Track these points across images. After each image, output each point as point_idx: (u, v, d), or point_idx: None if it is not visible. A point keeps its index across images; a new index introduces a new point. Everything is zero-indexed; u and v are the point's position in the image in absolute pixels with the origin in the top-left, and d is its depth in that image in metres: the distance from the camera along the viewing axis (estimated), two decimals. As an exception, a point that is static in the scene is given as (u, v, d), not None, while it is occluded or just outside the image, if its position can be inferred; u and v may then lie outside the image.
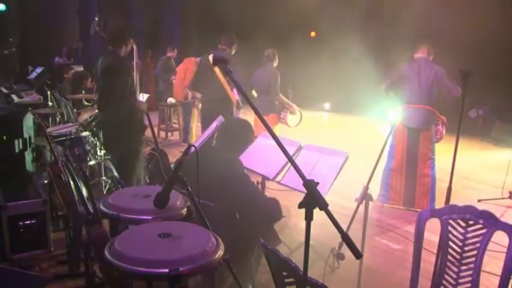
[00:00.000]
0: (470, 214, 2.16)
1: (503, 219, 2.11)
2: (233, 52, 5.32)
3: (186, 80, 7.21)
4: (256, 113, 1.75)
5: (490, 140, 8.71)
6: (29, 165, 4.42)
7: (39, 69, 8.20)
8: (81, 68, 8.35)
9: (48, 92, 6.04)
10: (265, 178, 3.46)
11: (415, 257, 2.28)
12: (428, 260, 3.04)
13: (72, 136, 4.61)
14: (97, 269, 2.58)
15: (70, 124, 5.18)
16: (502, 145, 8.20)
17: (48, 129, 4.77)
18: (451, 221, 2.21)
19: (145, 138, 4.50)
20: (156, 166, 3.40)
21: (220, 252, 1.87)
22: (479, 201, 5.06)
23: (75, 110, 5.84)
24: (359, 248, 1.56)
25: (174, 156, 5.86)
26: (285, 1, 9.71)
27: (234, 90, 5.20)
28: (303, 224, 1.43)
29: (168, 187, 2.10)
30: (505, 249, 2.04)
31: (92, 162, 4.76)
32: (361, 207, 2.88)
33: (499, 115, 9.10)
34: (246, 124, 3.20)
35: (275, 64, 5.73)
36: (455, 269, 2.19)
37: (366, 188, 2.88)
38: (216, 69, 4.86)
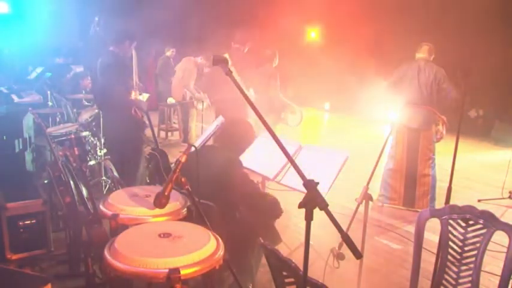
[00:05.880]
0: (470, 214, 2.15)
1: (503, 219, 2.11)
2: (246, 49, 5.28)
3: (185, 80, 7.21)
4: (257, 113, 1.75)
5: (490, 140, 8.71)
6: (29, 165, 4.42)
7: (39, 69, 8.19)
8: (81, 68, 8.34)
9: (48, 92, 6.04)
10: (265, 178, 3.46)
11: (415, 257, 2.27)
12: (428, 260, 3.04)
13: (72, 136, 4.61)
14: (97, 269, 2.59)
15: (70, 124, 5.18)
16: (502, 145, 8.20)
17: (48, 129, 4.76)
18: (451, 221, 2.21)
19: (145, 138, 4.51)
20: (156, 166, 3.40)
21: (220, 252, 1.87)
22: (479, 201, 5.06)
23: (75, 110, 5.83)
24: (359, 248, 1.55)
25: (174, 156, 5.86)
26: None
27: (251, 89, 5.19)
28: (303, 224, 1.43)
29: (167, 187, 2.10)
30: (505, 249, 2.04)
31: (92, 162, 4.76)
32: (361, 207, 2.88)
33: (499, 115, 9.10)
34: (247, 125, 3.20)
35: (275, 64, 5.73)
36: (455, 269, 2.19)
37: (366, 188, 2.88)
38: (232, 69, 4.84)
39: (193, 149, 2.23)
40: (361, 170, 3.98)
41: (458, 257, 2.19)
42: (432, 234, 2.95)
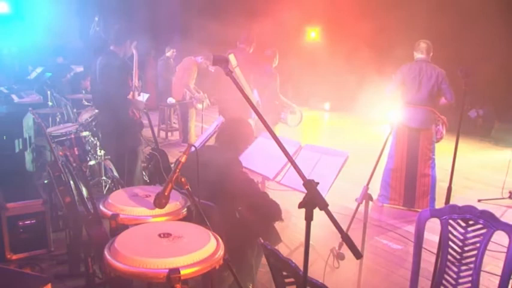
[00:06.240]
0: (470, 214, 2.15)
1: (503, 219, 2.11)
2: (251, 50, 5.31)
3: (185, 80, 7.20)
4: (257, 113, 1.75)
5: (490, 140, 8.72)
6: (29, 165, 4.43)
7: (39, 69, 8.20)
8: (81, 68, 8.36)
9: (48, 92, 6.04)
10: (265, 178, 3.46)
11: (415, 257, 2.27)
12: (428, 260, 3.05)
13: (72, 136, 4.61)
14: (97, 269, 2.59)
15: (70, 124, 5.18)
16: (502, 145, 8.20)
17: (48, 129, 4.77)
18: (451, 221, 2.21)
19: (145, 138, 4.51)
20: (156, 166, 3.40)
21: (220, 252, 1.87)
22: (479, 201, 5.06)
23: (75, 110, 5.84)
24: (359, 248, 1.55)
25: (174, 156, 5.86)
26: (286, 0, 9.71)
27: (255, 91, 5.20)
28: (303, 224, 1.42)
29: (167, 187, 2.10)
30: (505, 249, 2.04)
31: (92, 162, 4.76)
32: (361, 207, 2.88)
33: (499, 115, 9.10)
34: (245, 124, 3.20)
35: (275, 64, 5.72)
36: (455, 269, 2.19)
37: (366, 188, 2.87)
38: (237, 70, 4.86)
39: (193, 149, 2.23)
40: (361, 170, 3.98)
41: (458, 257, 2.19)
42: (432, 234, 2.95)
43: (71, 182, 2.89)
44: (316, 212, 1.42)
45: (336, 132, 9.24)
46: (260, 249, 2.72)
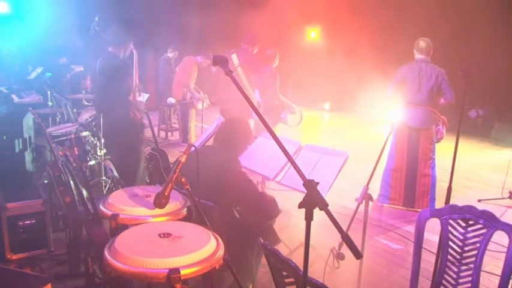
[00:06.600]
0: (470, 214, 2.15)
1: (503, 219, 2.11)
2: (255, 51, 5.32)
3: (184, 80, 7.20)
4: (257, 113, 1.75)
5: (490, 140, 8.72)
6: (29, 165, 4.43)
7: (39, 69, 8.20)
8: (81, 68, 8.35)
9: (48, 92, 6.04)
10: (265, 178, 3.46)
11: (415, 257, 2.27)
12: (428, 260, 3.05)
13: (72, 136, 4.61)
14: (97, 269, 2.59)
15: (70, 124, 5.18)
16: (502, 145, 8.20)
17: (48, 129, 4.77)
18: (451, 221, 2.21)
19: (145, 138, 4.51)
20: (156, 166, 3.40)
21: (220, 252, 1.87)
22: (479, 201, 5.06)
23: (75, 110, 5.84)
24: (359, 248, 1.55)
25: (174, 156, 5.86)
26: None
27: (256, 91, 5.21)
28: (303, 224, 1.42)
29: (167, 187, 2.10)
30: (505, 249, 2.04)
31: (92, 162, 4.77)
32: (361, 207, 2.88)
33: (499, 115, 9.10)
34: (243, 124, 3.19)
35: (275, 64, 5.72)
36: (455, 269, 2.19)
37: (366, 188, 2.87)
38: (239, 70, 4.88)
39: (193, 149, 2.23)
40: (361, 170, 3.98)
41: (458, 257, 2.19)
42: (432, 234, 2.95)
43: (71, 182, 2.89)
44: (316, 212, 1.42)
45: (336, 132, 9.24)
46: (260, 249, 2.72)
